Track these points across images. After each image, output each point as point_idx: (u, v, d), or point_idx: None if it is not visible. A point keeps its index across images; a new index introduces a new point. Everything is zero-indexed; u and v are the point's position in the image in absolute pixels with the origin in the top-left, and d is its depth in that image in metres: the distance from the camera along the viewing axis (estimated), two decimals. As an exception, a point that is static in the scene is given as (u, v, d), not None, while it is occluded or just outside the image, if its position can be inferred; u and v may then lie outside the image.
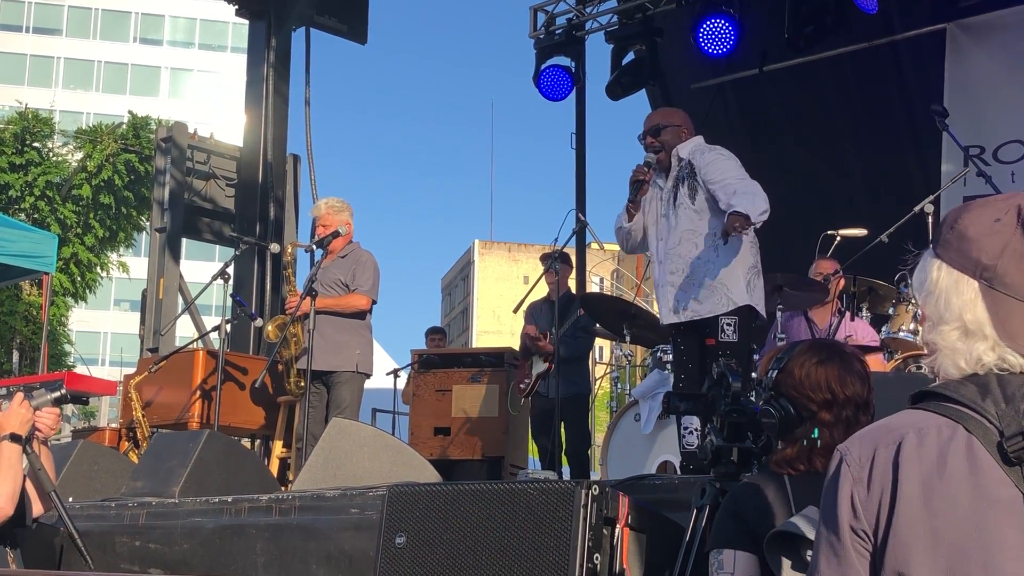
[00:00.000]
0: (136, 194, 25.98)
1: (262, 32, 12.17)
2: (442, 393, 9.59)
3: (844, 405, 2.94)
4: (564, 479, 4.72)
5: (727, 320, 5.78)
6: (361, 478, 5.62)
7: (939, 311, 1.74)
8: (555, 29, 11.58)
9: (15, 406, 3.98)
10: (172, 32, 66.16)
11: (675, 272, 5.90)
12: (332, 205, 7.96)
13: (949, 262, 1.74)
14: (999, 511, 1.60)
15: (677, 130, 6.08)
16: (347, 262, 7.78)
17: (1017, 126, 9.02)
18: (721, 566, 2.89)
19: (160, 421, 8.85)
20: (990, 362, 1.69)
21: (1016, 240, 1.70)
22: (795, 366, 3.01)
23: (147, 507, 6.08)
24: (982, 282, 1.71)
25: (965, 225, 1.74)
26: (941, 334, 1.73)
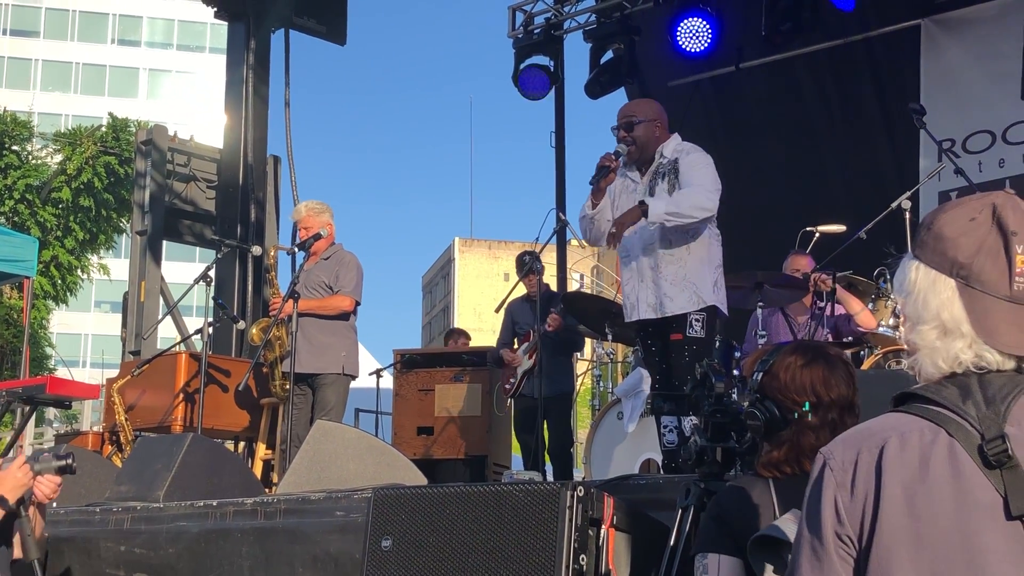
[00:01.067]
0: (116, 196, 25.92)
1: (241, 34, 12.15)
2: (425, 393, 9.60)
3: (829, 408, 2.94)
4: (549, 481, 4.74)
5: (695, 316, 5.83)
6: (346, 480, 5.63)
7: (917, 311, 1.75)
8: (533, 28, 11.60)
9: (14, 469, 3.88)
10: (150, 33, 65.86)
11: (654, 268, 5.92)
12: (312, 208, 7.95)
13: (927, 262, 1.76)
14: (981, 515, 1.61)
15: (651, 125, 6.07)
16: (330, 264, 7.78)
17: (985, 116, 9.07)
18: (705, 570, 2.89)
19: (143, 424, 8.83)
20: (967, 360, 1.71)
21: (991, 238, 1.72)
22: (780, 369, 3.01)
23: (132, 511, 6.07)
24: (958, 280, 1.72)
25: (941, 225, 1.76)
26: (920, 334, 1.75)
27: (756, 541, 2.66)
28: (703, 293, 5.85)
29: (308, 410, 7.61)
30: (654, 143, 6.05)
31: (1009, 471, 1.62)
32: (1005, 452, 1.62)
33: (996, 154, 8.96)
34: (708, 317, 5.87)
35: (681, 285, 5.86)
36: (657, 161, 6.04)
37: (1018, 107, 8.89)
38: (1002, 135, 8.94)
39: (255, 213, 11.88)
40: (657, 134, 6.07)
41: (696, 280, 5.86)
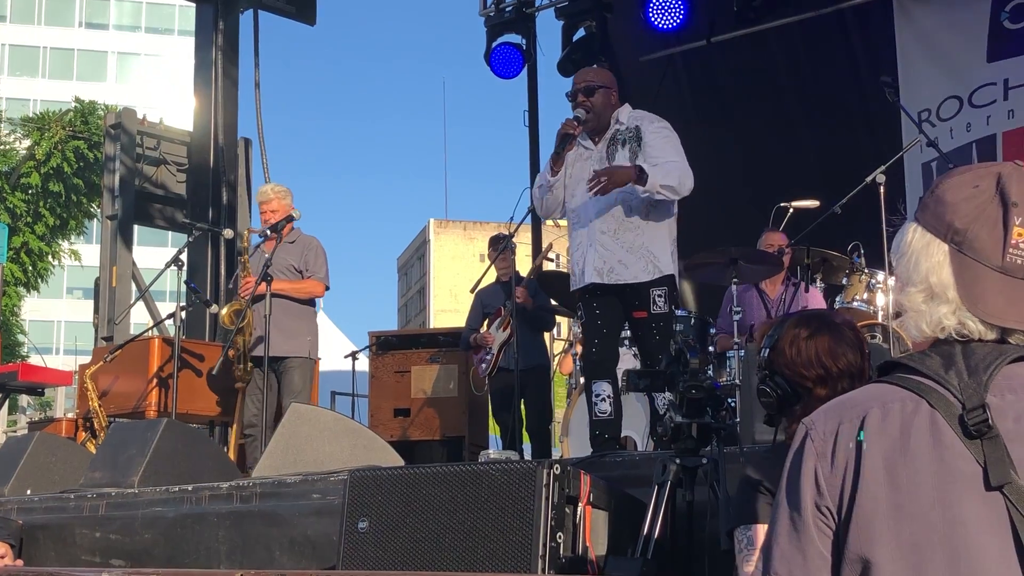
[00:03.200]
0: (86, 181, 25.74)
1: (210, 15, 12.06)
2: (401, 374, 9.58)
3: (839, 378, 2.93)
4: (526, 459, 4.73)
5: (657, 291, 5.76)
6: (322, 463, 5.60)
7: (908, 272, 1.75)
8: (505, 7, 11.54)
9: None
10: (118, 16, 65.39)
11: (606, 232, 5.81)
12: (278, 190, 8.00)
13: (924, 225, 1.75)
14: (961, 485, 1.60)
15: (608, 92, 6.01)
16: (296, 248, 7.82)
17: (952, 82, 9.04)
18: (751, 542, 2.85)
19: (117, 410, 8.77)
20: (950, 326, 1.70)
21: (991, 207, 1.71)
22: (785, 344, 2.99)
23: (106, 498, 6.04)
24: (951, 245, 1.71)
25: (944, 190, 1.76)
26: (907, 295, 1.74)
27: None
28: (661, 263, 5.79)
29: (274, 395, 7.65)
30: (610, 110, 5.99)
31: (989, 441, 1.60)
32: (985, 422, 1.61)
33: (963, 119, 8.93)
34: (668, 291, 5.81)
35: (639, 253, 5.78)
36: (613, 127, 5.98)
37: (984, 69, 8.87)
38: (968, 99, 8.92)
39: (226, 196, 11.82)
40: (612, 101, 6.02)
41: (655, 249, 5.79)
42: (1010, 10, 8.79)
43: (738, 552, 2.92)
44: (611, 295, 5.87)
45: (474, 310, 9.12)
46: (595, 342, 5.93)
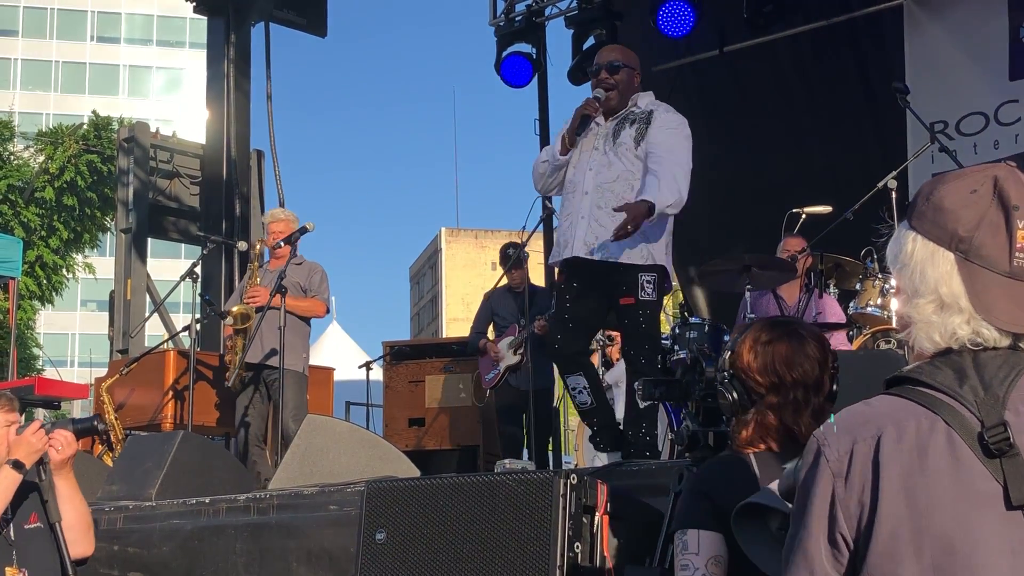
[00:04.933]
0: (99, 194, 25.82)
1: (221, 28, 12.10)
2: (415, 384, 9.59)
3: (792, 387, 2.87)
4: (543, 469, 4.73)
5: (647, 277, 5.57)
6: (338, 474, 5.62)
7: (914, 284, 1.71)
8: (515, 16, 11.57)
9: (27, 433, 3.88)
10: (129, 30, 65.63)
11: (602, 207, 5.61)
12: (288, 214, 8.28)
13: (924, 234, 1.71)
14: (981, 505, 1.58)
15: (632, 73, 5.87)
16: (303, 269, 8.07)
17: (977, 98, 9.06)
18: (686, 546, 2.85)
19: (133, 423, 8.81)
20: (964, 335, 1.66)
21: (992, 211, 1.68)
22: (744, 348, 2.95)
23: (124, 511, 6.06)
24: (958, 254, 1.68)
25: (941, 196, 1.71)
26: (916, 307, 1.70)
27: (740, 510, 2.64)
28: (655, 251, 5.62)
29: (265, 405, 7.86)
30: (631, 92, 5.84)
31: (1009, 460, 1.57)
32: (1006, 440, 1.57)
33: (991, 136, 8.94)
34: (658, 279, 5.64)
35: (635, 237, 5.54)
36: (629, 108, 5.81)
37: (1007, 88, 8.87)
38: (994, 116, 8.93)
39: (240, 208, 11.85)
40: (635, 84, 5.89)
41: (649, 235, 5.60)
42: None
43: (676, 555, 2.91)
44: (593, 287, 5.71)
45: (482, 313, 9.13)
46: (558, 337, 5.76)
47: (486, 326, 9.07)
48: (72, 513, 4.02)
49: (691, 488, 2.96)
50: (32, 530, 4.00)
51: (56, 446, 3.96)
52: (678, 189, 5.54)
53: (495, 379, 8.64)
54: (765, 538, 2.58)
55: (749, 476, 2.79)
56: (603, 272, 5.64)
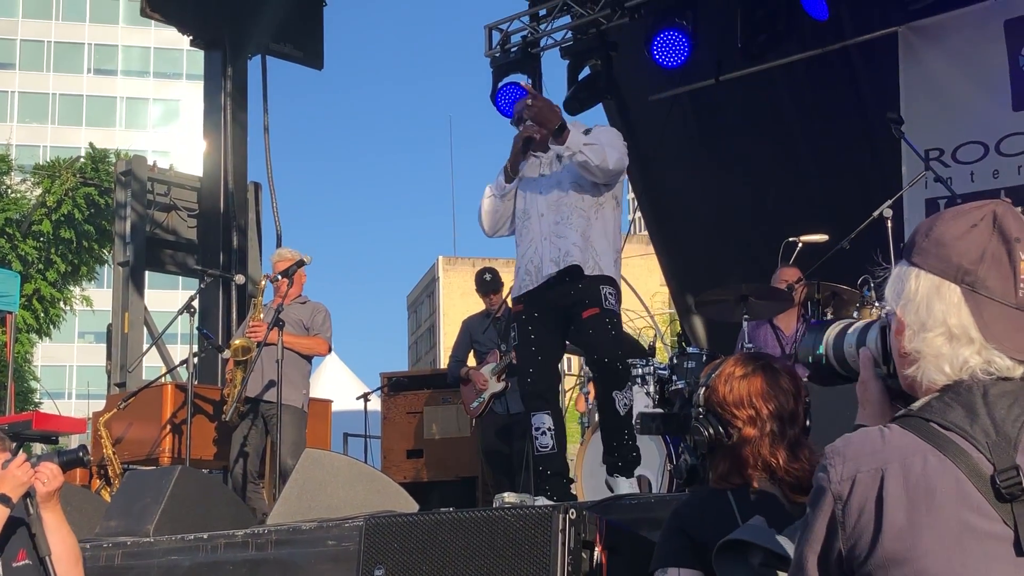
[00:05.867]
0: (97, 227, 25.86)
1: (218, 61, 12.15)
2: (413, 415, 9.59)
3: (768, 420, 2.88)
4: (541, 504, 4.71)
5: (608, 289, 5.66)
6: (337, 509, 5.60)
7: (921, 318, 1.70)
8: (510, 47, 11.60)
9: (13, 467, 3.85)
10: (126, 62, 65.84)
11: (560, 223, 5.71)
12: (295, 254, 8.22)
13: (928, 269, 1.71)
14: (989, 550, 1.56)
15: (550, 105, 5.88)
16: (306, 308, 8.10)
17: (975, 127, 9.08)
18: None
19: (131, 457, 8.79)
20: (976, 365, 1.66)
21: (993, 244, 1.69)
22: (719, 382, 2.96)
23: (122, 547, 6.04)
24: (964, 286, 1.68)
25: (941, 232, 1.72)
26: (926, 341, 1.69)
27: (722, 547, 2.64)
28: (603, 264, 5.69)
29: (262, 438, 7.85)
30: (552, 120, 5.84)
31: (1020, 504, 1.56)
32: (1018, 484, 1.56)
33: (990, 165, 8.96)
34: (616, 292, 5.74)
35: (586, 243, 5.68)
36: None
37: (1011, 119, 8.90)
38: (995, 146, 8.95)
39: (237, 240, 11.86)
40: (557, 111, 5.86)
41: (597, 247, 5.70)
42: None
43: None
44: (549, 310, 5.73)
45: (461, 340, 9.13)
46: (530, 371, 5.78)
47: (465, 354, 9.07)
48: (60, 546, 4.00)
49: (669, 524, 2.95)
50: (21, 568, 3.97)
51: (42, 479, 3.94)
52: (604, 154, 5.60)
53: (480, 408, 8.64)
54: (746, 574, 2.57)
55: (727, 511, 2.79)
56: (561, 294, 5.69)
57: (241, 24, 12.17)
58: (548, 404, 5.74)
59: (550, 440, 5.65)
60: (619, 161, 5.69)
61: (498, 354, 8.56)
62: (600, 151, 5.61)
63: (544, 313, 5.77)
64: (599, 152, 5.61)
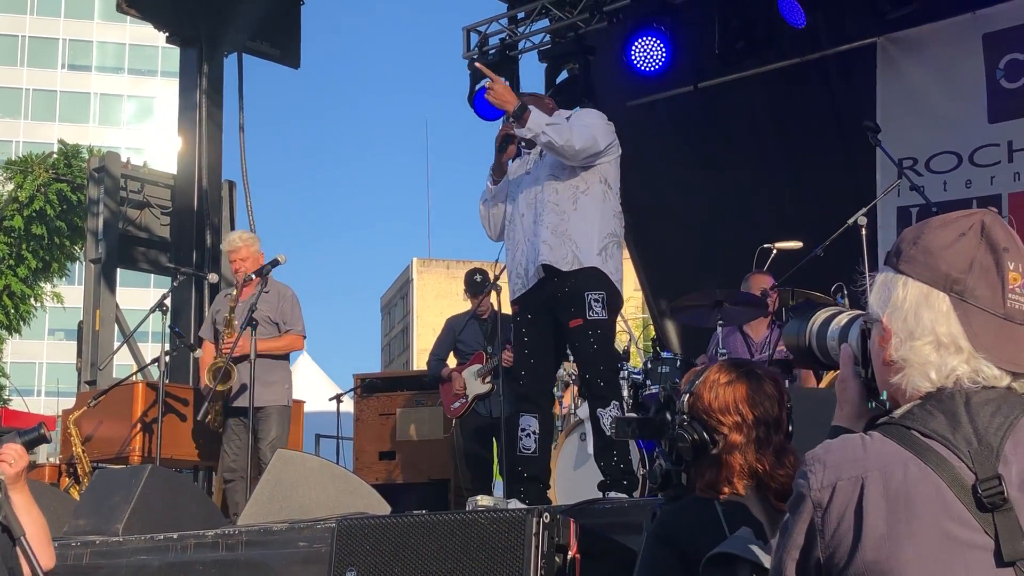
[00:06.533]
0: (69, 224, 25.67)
1: (194, 59, 12.08)
2: (386, 417, 9.56)
3: (754, 426, 2.89)
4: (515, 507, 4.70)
5: (594, 296, 5.50)
6: (308, 510, 5.57)
7: (909, 326, 1.70)
8: (488, 49, 11.59)
9: None
10: (101, 58, 65.47)
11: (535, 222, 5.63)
12: (246, 238, 8.06)
13: (917, 277, 1.71)
14: (970, 560, 1.55)
15: (537, 100, 5.86)
16: (272, 298, 7.78)
17: (949, 137, 9.14)
18: None
19: (101, 456, 8.72)
20: (964, 374, 1.66)
21: (981, 254, 1.69)
22: (704, 389, 2.96)
23: (91, 546, 5.99)
24: (953, 295, 1.68)
25: (929, 240, 1.72)
26: (914, 349, 1.69)
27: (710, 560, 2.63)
28: (583, 254, 5.53)
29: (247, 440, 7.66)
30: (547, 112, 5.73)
31: (1002, 514, 1.55)
32: (1000, 495, 1.55)
33: (963, 175, 9.03)
34: (607, 297, 5.55)
35: (561, 239, 5.52)
36: None
37: (986, 130, 8.97)
38: (969, 157, 9.02)
39: (210, 239, 11.80)
40: (550, 106, 5.84)
41: (577, 239, 5.54)
42: (1004, 67, 8.89)
43: None
44: (541, 311, 5.67)
45: (444, 339, 9.09)
46: (522, 374, 5.75)
47: (447, 353, 9.04)
48: (32, 526, 3.96)
49: (655, 534, 2.94)
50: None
51: (8, 460, 3.90)
52: (570, 134, 5.48)
53: (461, 408, 8.62)
54: None
55: (715, 521, 2.78)
56: (550, 296, 5.61)
57: (218, 21, 12.10)
58: (537, 407, 5.68)
59: (533, 443, 5.61)
60: (588, 140, 5.53)
61: (484, 356, 8.53)
62: (564, 130, 5.47)
63: (537, 316, 5.71)
64: (563, 132, 5.46)
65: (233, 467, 7.66)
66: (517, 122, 5.51)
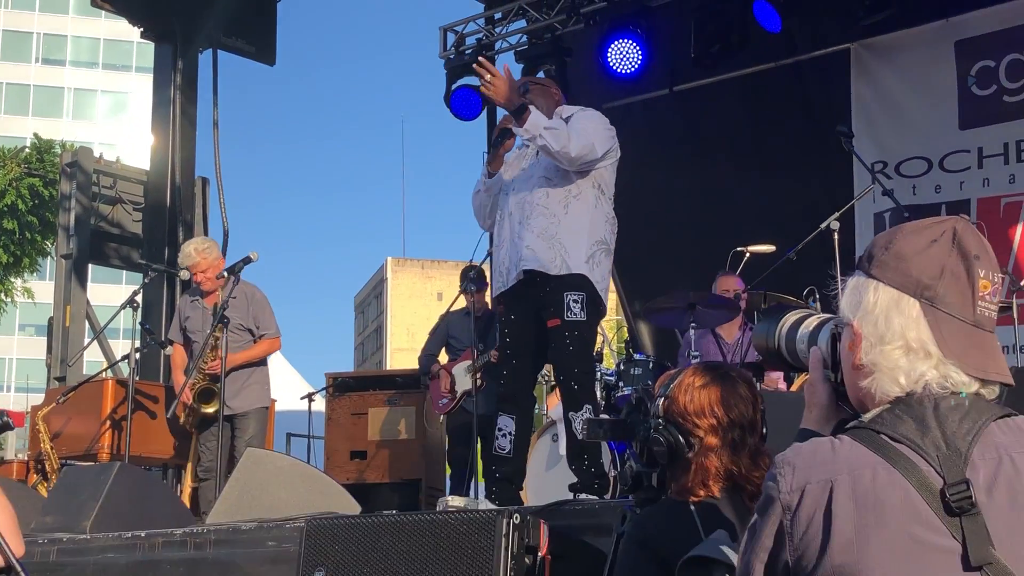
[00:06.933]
0: (40, 219, 25.50)
1: (168, 54, 12.01)
2: (358, 416, 9.53)
3: (730, 428, 2.89)
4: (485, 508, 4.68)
5: (573, 296, 5.43)
6: (278, 509, 5.54)
7: (879, 331, 1.71)
8: (465, 49, 11.59)
9: None
10: (75, 52, 65.09)
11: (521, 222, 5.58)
12: (201, 249, 7.85)
13: (888, 282, 1.72)
14: (938, 564, 1.56)
15: (544, 90, 5.82)
16: (240, 303, 7.59)
17: (920, 143, 9.22)
18: None
19: (69, 453, 8.66)
20: (932, 379, 1.67)
21: (952, 260, 1.70)
22: (679, 392, 2.96)
23: (58, 543, 5.94)
24: (924, 301, 1.69)
25: (901, 246, 1.73)
26: (883, 353, 1.70)
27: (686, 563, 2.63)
28: (571, 260, 5.45)
29: (227, 438, 7.59)
30: (552, 106, 5.72)
31: (969, 519, 1.56)
32: (968, 499, 1.56)
33: (932, 180, 9.12)
34: (587, 297, 5.48)
35: (549, 243, 5.44)
36: None
37: (956, 136, 9.04)
38: (939, 163, 9.10)
39: (183, 235, 11.72)
40: (556, 99, 5.80)
41: (567, 243, 5.46)
42: (975, 74, 8.96)
43: None
44: (525, 310, 5.62)
45: (437, 337, 9.08)
46: (503, 373, 5.72)
47: (439, 349, 9.03)
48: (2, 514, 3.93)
49: (632, 536, 2.93)
50: None
51: None
52: (567, 139, 5.40)
53: (449, 404, 8.62)
54: None
55: (691, 524, 2.79)
56: (532, 295, 5.56)
57: (193, 17, 12.04)
58: (516, 408, 5.64)
59: (508, 444, 5.58)
60: (585, 147, 5.45)
61: (475, 353, 8.50)
62: (562, 136, 5.39)
63: (520, 316, 5.67)
64: (560, 137, 5.38)
65: (209, 467, 7.60)
66: (516, 120, 5.45)
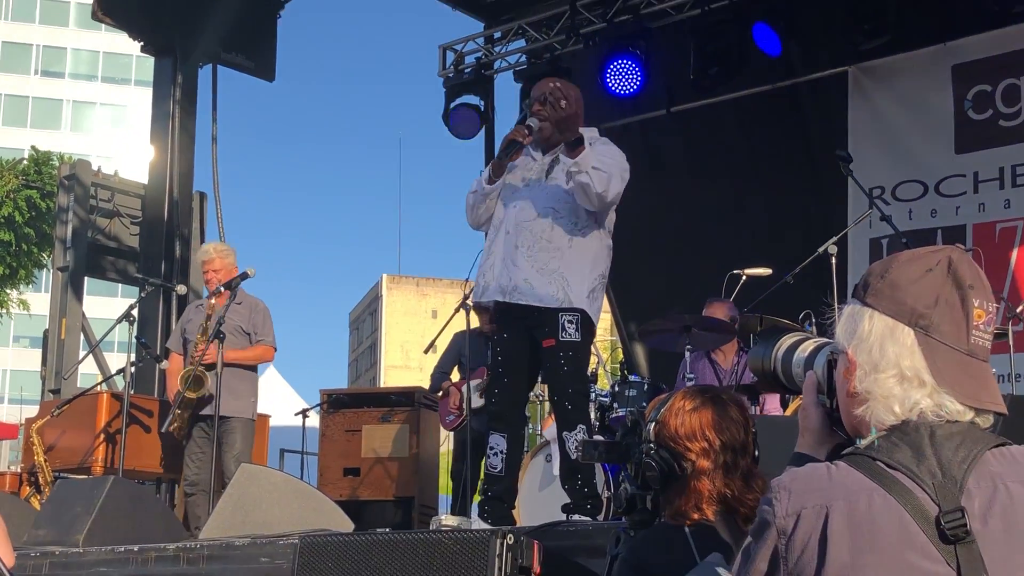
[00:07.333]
0: (37, 231, 25.50)
1: (168, 68, 12.02)
2: (352, 433, 9.51)
3: (721, 451, 2.89)
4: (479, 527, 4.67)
5: (568, 317, 5.38)
6: (271, 525, 5.54)
7: (873, 359, 1.72)
8: (464, 68, 11.64)
9: None
10: (74, 65, 65.17)
11: (520, 247, 5.44)
12: (220, 250, 8.02)
13: (883, 310, 1.73)
14: None
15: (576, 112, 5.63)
16: (244, 309, 7.80)
17: (916, 166, 9.25)
18: None
19: (63, 465, 8.65)
20: (927, 408, 1.68)
21: (947, 290, 1.71)
22: (670, 416, 2.96)
23: (50, 557, 5.93)
24: (918, 330, 1.70)
25: (897, 275, 1.74)
26: (878, 382, 1.71)
27: None
28: (573, 294, 5.41)
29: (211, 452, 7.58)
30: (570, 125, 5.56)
31: (964, 547, 1.57)
32: (963, 527, 1.57)
33: (928, 204, 9.14)
34: (582, 319, 5.43)
35: (550, 277, 5.38)
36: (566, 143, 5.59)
37: (953, 161, 9.06)
38: (935, 187, 9.12)
39: (180, 250, 11.73)
40: (579, 123, 5.66)
41: (570, 277, 5.41)
42: (972, 98, 9.00)
43: None
44: (518, 329, 5.55)
45: (450, 354, 9.07)
46: (495, 391, 5.65)
47: (451, 367, 9.03)
48: None
49: (627, 561, 2.93)
50: None
51: None
52: (608, 184, 5.37)
53: (455, 422, 8.64)
54: None
55: (685, 547, 2.79)
56: (525, 315, 5.49)
57: (193, 32, 12.06)
58: (507, 426, 5.57)
59: (500, 463, 5.51)
60: (618, 195, 5.46)
61: (486, 371, 8.49)
62: (606, 179, 5.35)
63: (513, 334, 5.60)
64: (604, 180, 5.34)
65: (195, 480, 7.59)
66: (568, 149, 5.39)
